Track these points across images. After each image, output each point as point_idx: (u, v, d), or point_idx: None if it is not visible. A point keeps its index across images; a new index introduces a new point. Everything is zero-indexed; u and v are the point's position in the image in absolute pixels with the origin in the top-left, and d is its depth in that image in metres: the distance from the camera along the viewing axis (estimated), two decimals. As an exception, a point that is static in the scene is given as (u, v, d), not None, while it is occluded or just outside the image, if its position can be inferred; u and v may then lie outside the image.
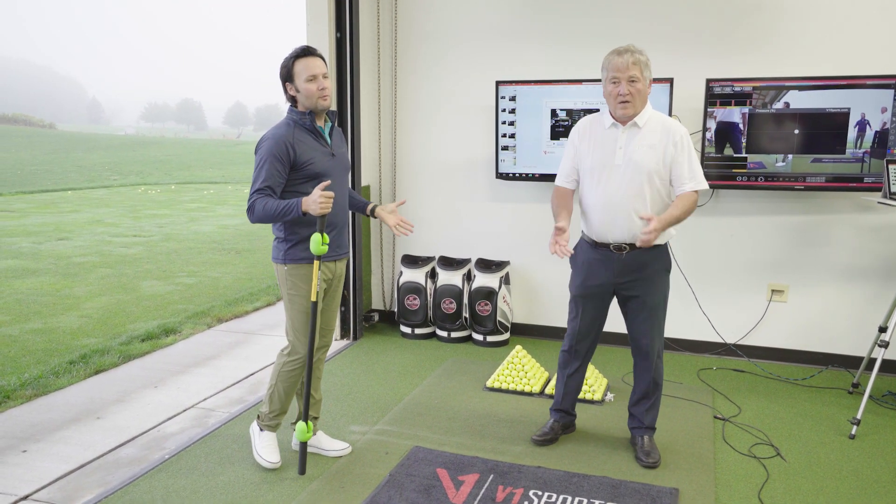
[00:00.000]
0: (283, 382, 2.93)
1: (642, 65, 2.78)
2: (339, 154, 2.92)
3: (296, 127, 2.78)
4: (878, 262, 4.11)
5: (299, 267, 2.83)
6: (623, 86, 2.77)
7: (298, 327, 2.88)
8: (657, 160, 2.81)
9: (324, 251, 2.73)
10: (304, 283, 2.83)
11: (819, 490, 2.80)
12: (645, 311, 2.95)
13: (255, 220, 2.74)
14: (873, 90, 3.81)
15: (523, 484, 2.79)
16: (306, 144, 2.77)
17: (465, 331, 4.75)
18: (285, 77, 2.77)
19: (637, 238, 2.81)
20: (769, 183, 4.06)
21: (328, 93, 2.77)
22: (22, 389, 3.88)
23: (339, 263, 2.99)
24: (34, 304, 5.95)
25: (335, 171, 2.86)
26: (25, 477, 2.91)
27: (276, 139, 2.72)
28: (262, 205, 2.69)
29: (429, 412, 3.53)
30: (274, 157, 2.70)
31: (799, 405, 3.67)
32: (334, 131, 2.94)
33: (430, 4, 4.74)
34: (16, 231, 10.30)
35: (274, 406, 2.97)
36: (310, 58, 2.75)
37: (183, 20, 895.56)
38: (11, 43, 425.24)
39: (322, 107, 2.78)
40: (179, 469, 2.94)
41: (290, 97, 2.80)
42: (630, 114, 2.82)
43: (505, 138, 4.54)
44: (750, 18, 4.13)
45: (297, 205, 2.66)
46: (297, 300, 2.85)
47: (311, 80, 2.73)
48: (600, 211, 2.89)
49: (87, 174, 22.44)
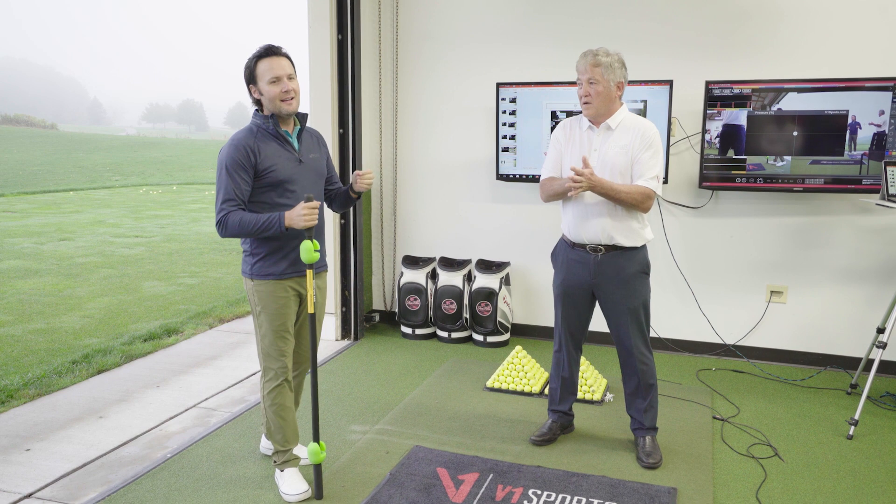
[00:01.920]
0: (271, 409, 2.74)
1: (604, 66, 2.81)
2: (308, 160, 2.72)
3: (258, 131, 2.61)
4: (877, 263, 4.13)
5: (266, 283, 2.65)
6: (584, 87, 2.84)
7: (267, 346, 2.71)
8: (627, 161, 2.87)
9: (316, 258, 2.57)
10: (272, 300, 2.66)
11: (816, 490, 2.82)
12: (625, 314, 2.98)
13: (227, 235, 2.56)
14: (871, 93, 3.83)
15: (523, 483, 2.81)
16: (269, 150, 2.59)
17: (465, 331, 4.77)
18: (248, 79, 2.60)
19: (612, 238, 2.88)
20: (768, 184, 4.08)
21: (293, 95, 2.58)
22: (25, 389, 3.91)
23: (316, 278, 2.78)
24: (37, 304, 5.98)
25: (302, 177, 2.68)
26: (29, 475, 2.93)
27: (237, 145, 2.55)
28: (236, 219, 2.52)
29: (429, 412, 3.55)
30: (236, 163, 2.53)
31: (797, 406, 3.69)
32: (304, 135, 2.74)
33: (431, 6, 4.76)
34: (18, 231, 10.33)
35: (277, 438, 2.77)
36: (273, 58, 2.56)
37: (182, 25, 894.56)
38: (11, 44, 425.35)
39: (286, 110, 2.59)
40: (182, 468, 2.96)
41: (255, 100, 2.63)
42: (591, 114, 2.89)
43: (505, 140, 4.56)
44: (750, 21, 4.15)
45: (278, 219, 2.50)
46: (264, 317, 2.68)
47: (274, 81, 2.54)
48: (575, 212, 2.96)
49: (88, 175, 22.49)
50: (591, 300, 3.08)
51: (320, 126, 4.61)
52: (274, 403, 2.75)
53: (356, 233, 4.72)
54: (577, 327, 3.13)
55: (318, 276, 2.83)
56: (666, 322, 4.52)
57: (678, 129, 4.31)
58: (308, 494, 2.71)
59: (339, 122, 4.62)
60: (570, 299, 3.07)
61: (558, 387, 3.22)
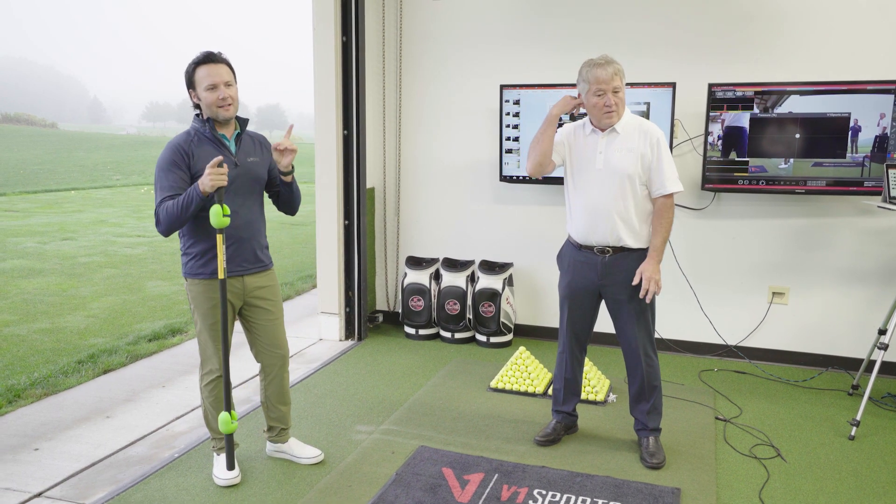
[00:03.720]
0: (208, 400, 2.88)
1: (621, 74, 2.90)
2: (245, 164, 2.74)
3: (195, 135, 2.67)
4: (878, 265, 4.16)
5: (197, 283, 2.73)
6: (609, 97, 2.86)
7: (202, 342, 2.83)
8: (635, 162, 2.90)
9: (226, 223, 2.58)
10: (204, 300, 2.74)
11: (819, 490, 2.84)
12: (632, 315, 3.01)
13: (165, 230, 2.60)
14: (874, 95, 3.86)
15: (528, 483, 2.83)
16: (203, 153, 2.64)
17: (468, 332, 4.80)
18: (188, 83, 2.65)
19: (620, 240, 2.94)
20: (770, 186, 4.10)
21: (230, 102, 2.63)
22: (32, 388, 3.94)
23: (252, 278, 2.82)
24: (41, 303, 6.00)
25: (237, 181, 2.70)
26: (38, 475, 2.96)
27: (172, 147, 2.62)
28: (163, 211, 2.56)
29: (434, 412, 3.58)
30: (172, 163, 2.59)
31: (799, 406, 3.71)
32: (244, 139, 2.77)
33: (435, 8, 4.78)
34: (21, 231, 10.35)
35: (213, 426, 2.91)
36: (212, 65, 2.61)
37: (182, 25, 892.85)
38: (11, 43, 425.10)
39: (223, 116, 2.64)
40: (189, 467, 2.99)
41: (195, 104, 2.68)
42: (615, 123, 2.93)
43: (509, 141, 4.58)
44: (752, 24, 4.17)
45: (194, 189, 2.52)
46: (198, 316, 2.78)
47: (210, 88, 2.59)
48: (583, 214, 2.98)
49: (89, 174, 22.51)
50: (598, 302, 3.11)
51: (325, 128, 4.65)
52: (211, 395, 2.88)
53: (360, 233, 4.75)
54: (582, 329, 3.16)
55: (253, 275, 2.82)
56: (668, 323, 4.54)
57: (681, 131, 4.34)
58: (237, 480, 2.85)
59: (343, 123, 4.64)
60: (577, 301, 3.10)
61: (562, 387, 3.25)
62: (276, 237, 10.03)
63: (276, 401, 3.01)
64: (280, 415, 3.04)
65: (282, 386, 3.01)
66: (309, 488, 2.82)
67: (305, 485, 2.85)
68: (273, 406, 3.01)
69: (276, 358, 2.96)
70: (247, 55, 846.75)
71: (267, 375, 2.99)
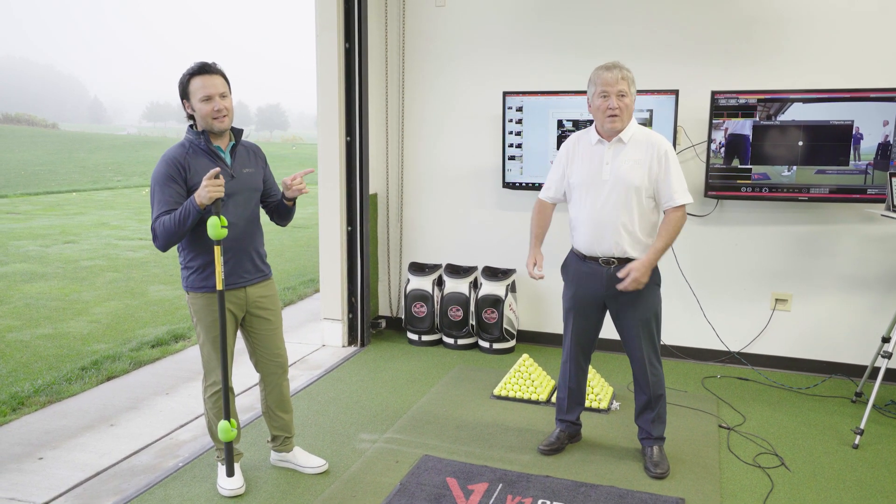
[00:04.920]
0: (211, 411, 2.87)
1: (629, 80, 2.87)
2: (241, 175, 2.74)
3: (190, 147, 2.65)
4: (881, 272, 4.16)
5: (199, 296, 2.73)
6: (612, 100, 2.84)
7: (205, 354, 2.83)
8: (642, 175, 2.89)
9: (224, 234, 2.57)
10: (206, 313, 2.73)
11: (823, 500, 2.84)
12: (636, 325, 3.01)
13: (162, 245, 2.59)
14: (877, 103, 3.86)
15: (532, 493, 2.83)
16: (199, 165, 2.62)
17: (471, 338, 4.80)
18: (182, 94, 2.63)
19: (625, 252, 2.93)
20: (773, 194, 4.11)
21: (226, 114, 2.62)
22: (36, 396, 3.94)
23: (254, 288, 2.83)
24: (44, 308, 6.01)
25: (235, 192, 2.70)
26: (42, 484, 2.96)
27: (167, 161, 2.60)
28: (160, 225, 2.56)
29: (437, 420, 3.58)
30: (168, 177, 2.58)
31: (803, 414, 3.72)
32: (239, 150, 2.77)
33: (438, 15, 4.79)
34: (23, 234, 10.35)
35: (216, 437, 2.90)
36: (207, 76, 2.59)
37: (182, 25, 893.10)
38: (11, 43, 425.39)
39: (218, 128, 2.62)
40: (193, 477, 2.99)
41: (188, 115, 2.66)
42: (618, 128, 2.89)
43: (512, 148, 4.59)
44: (756, 31, 4.17)
45: (190, 203, 2.51)
46: (201, 329, 2.77)
47: (205, 100, 2.57)
48: (588, 225, 2.97)
49: (90, 175, 22.51)
50: (602, 312, 3.11)
51: (328, 134, 4.65)
52: (214, 407, 2.87)
53: (363, 239, 4.75)
54: (587, 340, 3.16)
55: (253, 286, 2.83)
56: (671, 329, 4.54)
57: (684, 137, 4.34)
58: (242, 490, 2.85)
59: (346, 129, 4.65)
60: (582, 312, 3.10)
61: (566, 397, 3.25)
62: (278, 240, 10.02)
63: (277, 409, 3.02)
64: (283, 423, 3.04)
65: (282, 394, 3.02)
66: (313, 498, 2.82)
67: (310, 495, 2.85)
68: (275, 415, 3.02)
69: (275, 367, 2.97)
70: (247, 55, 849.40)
71: (267, 385, 3.00)
